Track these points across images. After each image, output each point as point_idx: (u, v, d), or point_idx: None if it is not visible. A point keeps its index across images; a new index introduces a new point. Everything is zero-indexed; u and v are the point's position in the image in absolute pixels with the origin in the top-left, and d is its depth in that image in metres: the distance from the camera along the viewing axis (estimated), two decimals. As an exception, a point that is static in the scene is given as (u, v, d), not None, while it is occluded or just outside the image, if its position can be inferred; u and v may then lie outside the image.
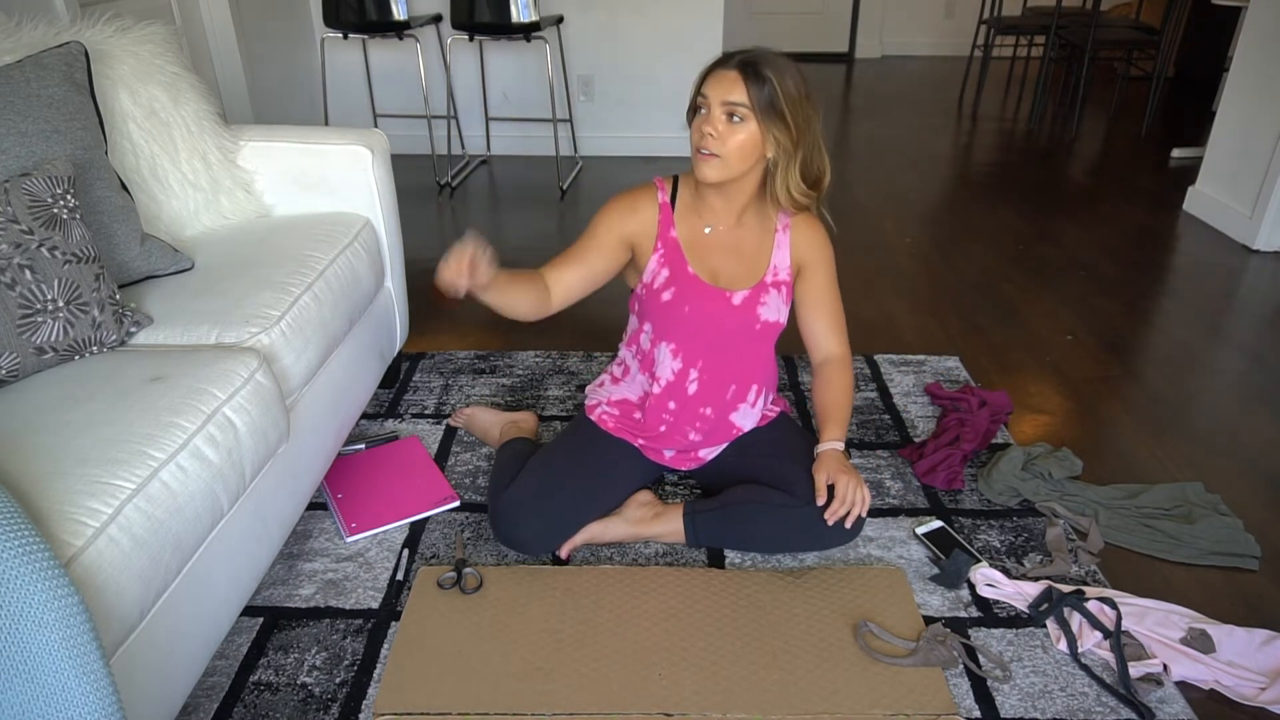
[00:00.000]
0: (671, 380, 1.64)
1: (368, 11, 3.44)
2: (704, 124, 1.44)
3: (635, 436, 1.70)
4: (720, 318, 1.58)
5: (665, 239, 1.57)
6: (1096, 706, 1.34)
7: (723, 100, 1.43)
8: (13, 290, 1.26)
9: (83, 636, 0.90)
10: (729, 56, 1.46)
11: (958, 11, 6.47)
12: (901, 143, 4.46)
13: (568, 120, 4.09)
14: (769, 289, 1.59)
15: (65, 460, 1.10)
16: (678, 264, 1.57)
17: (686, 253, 1.57)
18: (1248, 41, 3.11)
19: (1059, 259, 3.00)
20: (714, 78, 1.45)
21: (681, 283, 1.57)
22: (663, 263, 1.57)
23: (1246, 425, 2.07)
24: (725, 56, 1.47)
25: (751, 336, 1.61)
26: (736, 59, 1.44)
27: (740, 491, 1.62)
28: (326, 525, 1.72)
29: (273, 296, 1.55)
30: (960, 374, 2.26)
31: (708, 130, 1.44)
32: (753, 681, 1.38)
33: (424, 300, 2.60)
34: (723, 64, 1.46)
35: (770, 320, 1.61)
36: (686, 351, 1.61)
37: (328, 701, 1.35)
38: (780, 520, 1.57)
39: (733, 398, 1.66)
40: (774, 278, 1.60)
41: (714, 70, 1.46)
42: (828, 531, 1.57)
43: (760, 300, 1.59)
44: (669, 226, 1.57)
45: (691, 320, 1.58)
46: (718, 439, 1.70)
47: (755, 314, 1.59)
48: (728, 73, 1.44)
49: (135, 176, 1.72)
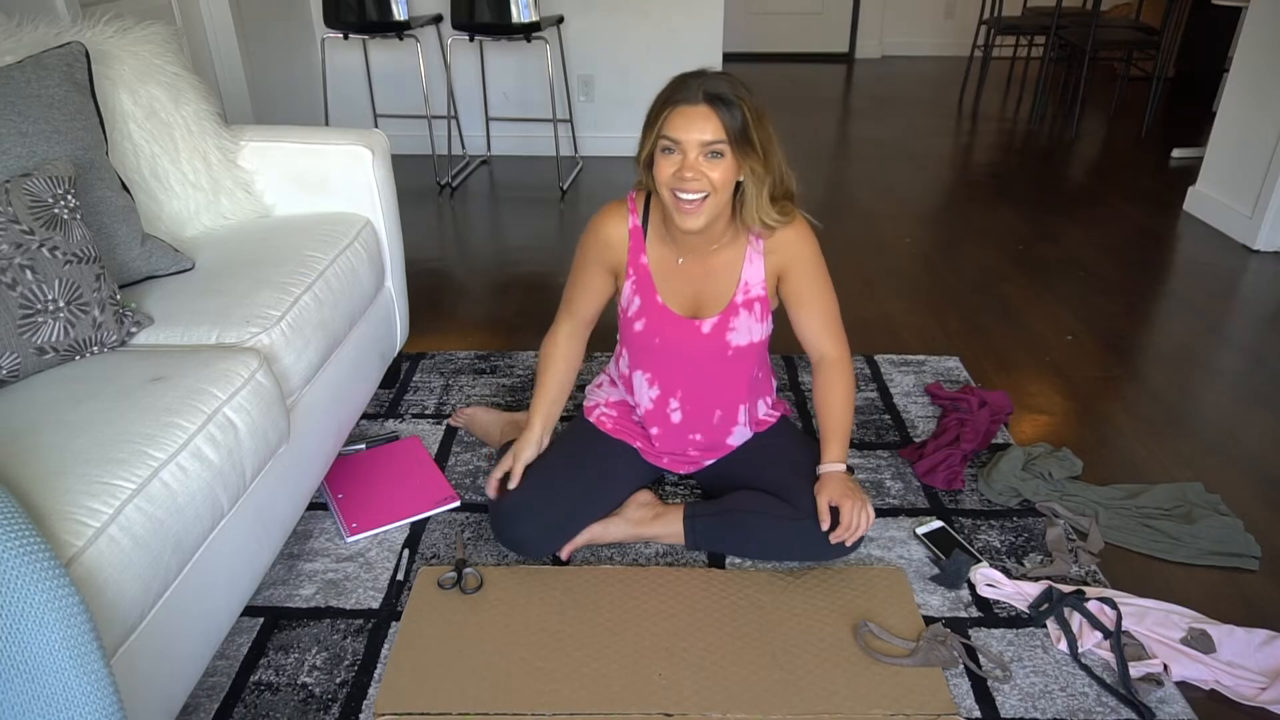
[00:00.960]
0: (651, 408, 1.65)
1: (368, 12, 3.44)
2: (683, 170, 1.33)
3: (634, 438, 1.70)
4: (690, 348, 1.55)
5: (636, 265, 1.54)
6: (1096, 707, 1.34)
7: (700, 142, 1.32)
8: (13, 290, 1.27)
9: (83, 636, 0.90)
10: (686, 87, 1.33)
11: (958, 11, 6.47)
12: (901, 143, 4.46)
13: (568, 120, 4.09)
14: (738, 310, 1.53)
15: (66, 460, 1.10)
16: (648, 293, 1.54)
17: (656, 281, 1.53)
18: (1248, 41, 3.11)
19: (1059, 259, 3.00)
20: (680, 116, 1.32)
21: (651, 313, 1.54)
22: (634, 290, 1.55)
23: (1246, 425, 2.07)
24: (681, 87, 1.33)
25: (725, 363, 1.57)
26: (699, 90, 1.32)
27: (741, 498, 1.60)
28: (327, 525, 1.72)
29: (273, 297, 1.55)
30: (960, 374, 2.26)
31: (689, 176, 1.33)
32: (753, 681, 1.38)
33: (423, 300, 2.61)
34: (685, 98, 1.32)
35: (741, 345, 1.55)
36: (663, 381, 1.60)
37: (328, 701, 1.35)
38: (781, 532, 1.55)
39: (720, 422, 1.64)
40: (744, 296, 1.53)
41: (677, 106, 1.33)
42: (828, 547, 1.55)
43: (729, 326, 1.53)
44: (639, 253, 1.53)
45: (663, 350, 1.56)
46: (716, 454, 1.71)
47: (725, 341, 1.54)
48: (695, 109, 1.31)
49: (136, 177, 1.72)
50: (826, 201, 3.70)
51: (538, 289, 2.80)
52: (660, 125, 1.35)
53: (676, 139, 1.34)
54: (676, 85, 1.35)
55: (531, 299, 2.73)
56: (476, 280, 2.89)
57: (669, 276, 1.53)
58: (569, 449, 1.67)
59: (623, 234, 1.53)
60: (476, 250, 3.17)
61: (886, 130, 4.70)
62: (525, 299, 2.73)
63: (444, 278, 2.91)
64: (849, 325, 1.67)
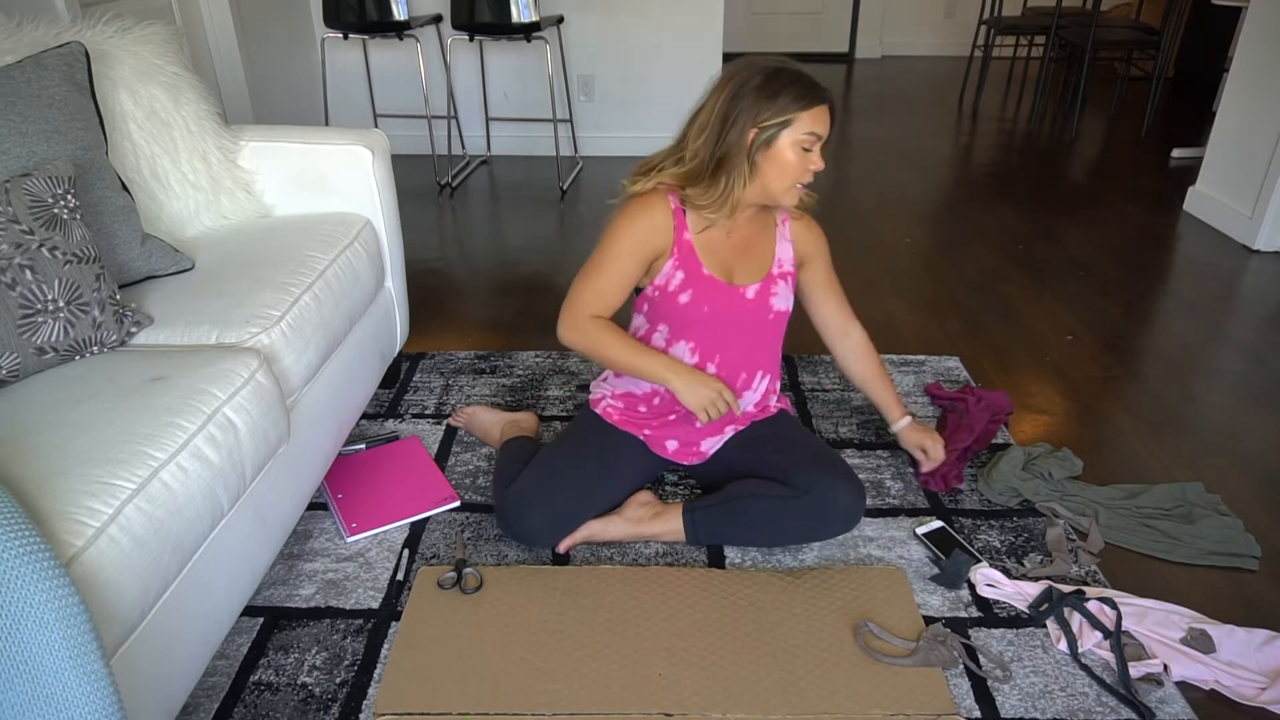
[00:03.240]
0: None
1: (368, 12, 3.44)
2: (816, 163, 1.48)
3: (640, 428, 1.70)
4: (737, 313, 1.61)
5: (680, 243, 1.57)
6: (1096, 707, 1.34)
7: (823, 137, 1.48)
8: (13, 290, 1.27)
9: (83, 636, 0.90)
10: (810, 84, 1.46)
11: (958, 11, 6.47)
12: (901, 143, 4.46)
13: (568, 120, 4.09)
14: (777, 280, 1.64)
15: (66, 460, 1.10)
16: (693, 266, 1.57)
17: (700, 254, 1.58)
18: (1248, 41, 3.11)
19: (1059, 259, 3.00)
20: (818, 114, 1.46)
21: (698, 284, 1.58)
22: (677, 266, 1.57)
23: (1246, 425, 2.07)
24: (802, 81, 1.46)
25: (765, 326, 1.65)
26: (820, 92, 1.46)
27: (738, 486, 1.63)
28: (327, 525, 1.72)
29: (273, 296, 1.55)
30: (960, 374, 2.26)
31: (817, 168, 1.49)
32: (752, 681, 1.38)
33: (423, 300, 2.61)
34: (817, 98, 1.46)
35: (781, 309, 1.66)
36: (704, 347, 1.62)
37: (328, 701, 1.35)
38: (779, 511, 1.58)
39: (741, 385, 1.68)
40: (780, 270, 1.65)
41: (814, 105, 1.46)
42: (824, 524, 1.60)
43: (772, 291, 1.63)
44: (683, 230, 1.57)
45: (710, 319, 1.59)
46: (721, 423, 1.71)
47: (769, 304, 1.63)
48: (824, 108, 1.47)
49: (136, 177, 1.72)
50: (827, 201, 3.69)
51: (538, 289, 2.80)
52: (802, 124, 1.45)
53: (820, 134, 1.47)
54: (795, 78, 1.45)
55: (532, 299, 2.73)
56: (476, 280, 2.89)
57: (710, 249, 1.59)
58: (575, 440, 1.69)
59: (668, 216, 1.57)
60: (476, 250, 3.17)
61: (886, 130, 4.70)
62: (525, 299, 2.73)
63: (444, 278, 2.91)
64: (849, 325, 1.70)
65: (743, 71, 1.47)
